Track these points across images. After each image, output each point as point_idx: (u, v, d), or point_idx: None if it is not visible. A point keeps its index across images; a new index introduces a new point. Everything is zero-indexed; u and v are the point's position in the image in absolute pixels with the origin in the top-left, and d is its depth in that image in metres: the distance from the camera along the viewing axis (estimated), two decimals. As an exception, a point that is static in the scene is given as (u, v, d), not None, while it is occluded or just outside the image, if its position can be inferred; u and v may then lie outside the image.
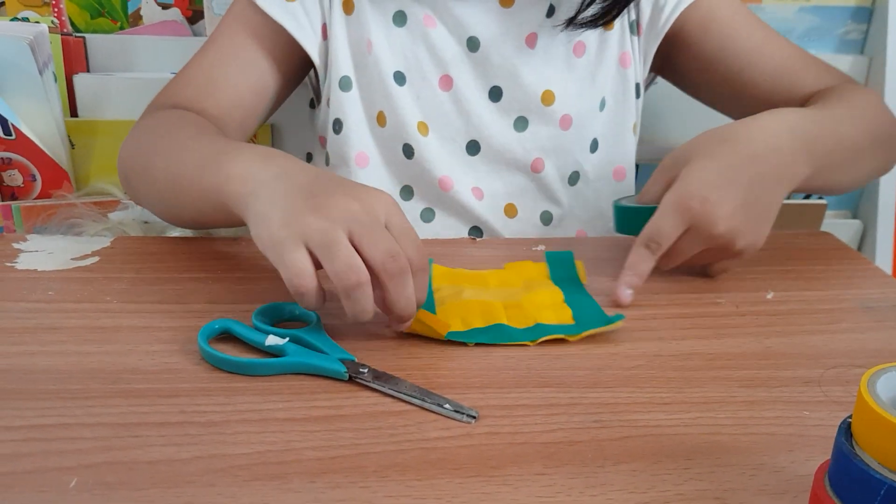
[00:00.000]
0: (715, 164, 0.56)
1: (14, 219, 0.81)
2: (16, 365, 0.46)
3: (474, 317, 0.52)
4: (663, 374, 0.48)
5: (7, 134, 0.79)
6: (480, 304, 0.54)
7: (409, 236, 0.47)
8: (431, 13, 0.71)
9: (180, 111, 0.67)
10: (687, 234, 0.56)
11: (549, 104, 0.71)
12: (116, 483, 0.37)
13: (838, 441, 0.32)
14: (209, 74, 0.71)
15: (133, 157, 0.66)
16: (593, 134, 0.74)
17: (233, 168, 0.52)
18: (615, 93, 0.74)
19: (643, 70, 0.74)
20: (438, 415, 0.43)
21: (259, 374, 0.46)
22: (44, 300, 0.53)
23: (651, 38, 0.73)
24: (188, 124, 0.64)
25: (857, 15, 1.06)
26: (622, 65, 0.73)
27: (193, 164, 0.57)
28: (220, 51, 0.72)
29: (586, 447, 0.41)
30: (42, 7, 0.88)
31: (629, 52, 0.73)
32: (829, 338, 0.53)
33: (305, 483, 0.38)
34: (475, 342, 0.50)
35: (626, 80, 0.74)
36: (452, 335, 0.50)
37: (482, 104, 0.72)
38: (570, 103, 0.72)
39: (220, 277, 0.57)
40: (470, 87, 0.72)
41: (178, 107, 0.68)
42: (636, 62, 0.74)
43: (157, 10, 0.91)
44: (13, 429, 0.41)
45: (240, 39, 0.71)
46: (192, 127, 0.64)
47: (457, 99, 0.72)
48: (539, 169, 0.73)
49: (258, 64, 0.72)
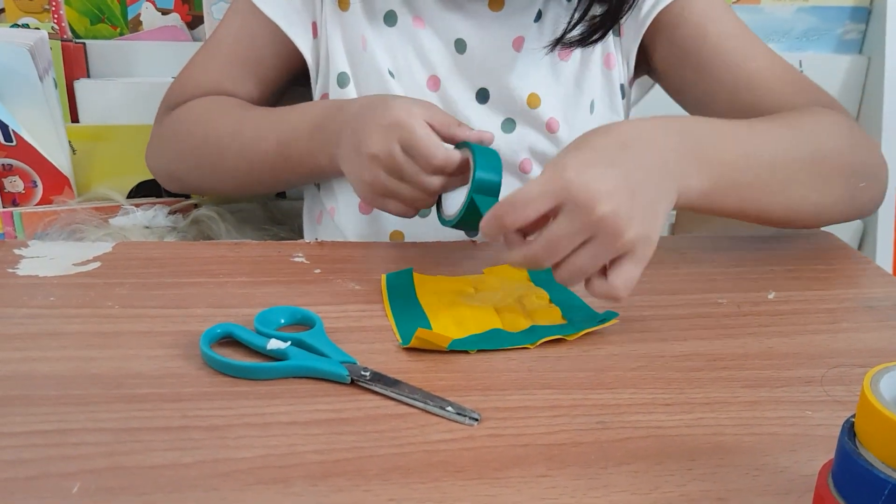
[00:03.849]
0: (589, 149, 0.50)
1: (15, 225, 0.81)
2: (18, 371, 0.46)
3: (470, 323, 0.52)
4: (665, 374, 0.48)
5: (8, 140, 0.79)
6: (473, 311, 0.54)
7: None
8: (420, 16, 0.72)
9: (212, 97, 0.73)
10: (563, 216, 0.47)
11: (535, 107, 0.71)
12: (119, 488, 0.37)
13: (842, 440, 0.32)
14: (214, 78, 0.74)
15: (181, 152, 0.73)
16: None
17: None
18: (602, 95, 0.74)
19: (626, 70, 0.74)
20: (441, 417, 0.43)
21: (261, 378, 0.46)
22: (45, 306, 0.53)
23: (631, 38, 0.73)
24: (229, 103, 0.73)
25: (855, 15, 1.06)
26: (606, 66, 0.73)
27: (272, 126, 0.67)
28: (222, 52, 0.75)
29: (589, 449, 0.41)
30: (42, 13, 0.88)
31: (613, 54, 0.73)
32: (831, 337, 0.53)
33: (308, 486, 0.38)
34: (477, 349, 0.50)
35: (611, 82, 0.74)
36: (455, 344, 0.49)
37: (470, 106, 0.72)
38: (557, 107, 0.72)
39: (221, 282, 0.57)
40: (457, 89, 0.72)
41: None
42: (619, 63, 0.74)
43: (156, 15, 0.91)
44: (15, 434, 0.41)
45: (240, 41, 0.74)
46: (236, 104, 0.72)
47: (444, 100, 0.72)
48: (528, 170, 0.73)
49: (258, 67, 0.74)
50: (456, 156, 0.57)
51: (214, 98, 0.73)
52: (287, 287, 0.57)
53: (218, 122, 0.71)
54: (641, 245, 0.48)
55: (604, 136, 0.51)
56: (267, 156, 0.68)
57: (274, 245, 0.65)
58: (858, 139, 0.65)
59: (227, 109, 0.72)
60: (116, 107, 0.88)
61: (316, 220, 0.78)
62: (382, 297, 0.55)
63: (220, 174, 0.73)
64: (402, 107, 0.58)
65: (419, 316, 0.53)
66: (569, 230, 0.47)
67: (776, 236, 0.69)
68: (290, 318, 0.52)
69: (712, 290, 0.59)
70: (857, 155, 0.64)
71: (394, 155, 0.57)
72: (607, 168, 0.48)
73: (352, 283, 0.58)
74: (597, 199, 0.46)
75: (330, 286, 0.57)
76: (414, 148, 0.57)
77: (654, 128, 0.53)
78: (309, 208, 0.80)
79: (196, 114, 0.73)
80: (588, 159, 0.49)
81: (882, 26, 1.04)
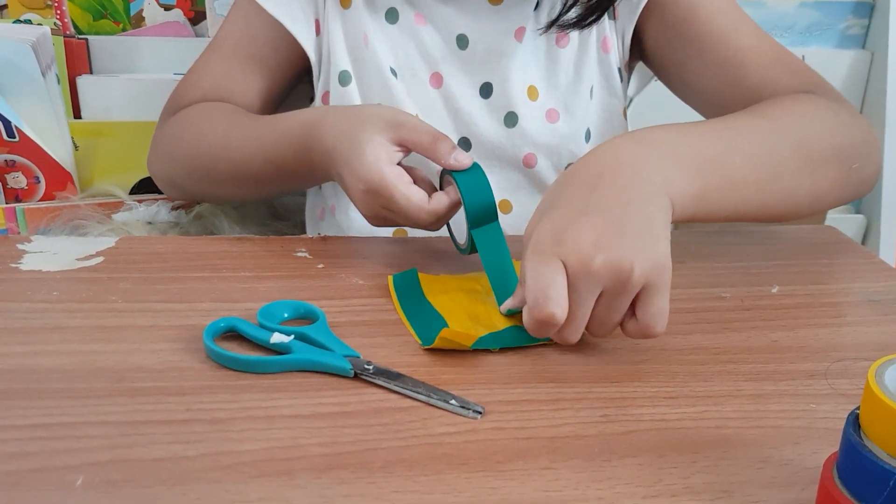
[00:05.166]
0: (557, 207, 0.48)
1: (18, 221, 0.81)
2: (21, 365, 0.46)
3: (486, 320, 0.52)
4: (669, 368, 0.48)
5: (10, 136, 0.79)
6: (487, 308, 0.53)
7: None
8: (421, 12, 0.72)
9: (206, 104, 0.72)
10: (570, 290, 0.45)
11: (534, 99, 0.71)
12: (122, 481, 0.37)
13: (846, 433, 0.32)
14: (218, 81, 0.74)
15: (177, 160, 0.72)
16: (586, 124, 0.74)
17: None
18: (601, 79, 0.74)
19: (622, 53, 0.74)
20: (444, 410, 0.43)
21: (264, 371, 0.46)
22: (49, 300, 0.53)
23: (626, 20, 0.72)
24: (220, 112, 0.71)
25: (858, 10, 1.06)
26: (604, 50, 0.73)
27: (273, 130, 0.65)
28: (225, 55, 0.74)
29: (593, 441, 0.41)
30: (44, 9, 0.88)
31: (609, 37, 0.73)
32: (835, 331, 0.53)
33: (312, 479, 0.38)
34: (500, 347, 0.49)
35: (609, 66, 0.73)
36: (478, 343, 0.48)
37: (473, 101, 0.72)
38: (557, 96, 0.72)
39: (224, 276, 0.57)
40: (459, 85, 0.72)
41: None
42: (615, 47, 0.73)
43: (159, 11, 0.91)
44: (19, 428, 0.41)
45: (243, 42, 0.73)
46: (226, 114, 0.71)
47: (447, 96, 0.72)
48: (532, 164, 0.73)
49: (262, 69, 0.74)
50: (443, 202, 0.57)
51: (208, 106, 0.72)
52: (290, 281, 0.57)
53: (208, 134, 0.69)
54: (654, 275, 0.45)
55: (568, 185, 0.49)
56: (258, 171, 0.66)
57: (277, 240, 0.64)
58: (845, 119, 0.63)
59: (216, 120, 0.70)
60: (119, 103, 0.87)
61: (318, 217, 0.78)
62: (392, 299, 0.55)
63: (215, 186, 0.72)
64: (373, 165, 0.56)
65: (434, 316, 0.53)
66: (578, 297, 0.45)
67: (779, 231, 0.69)
68: (293, 313, 0.52)
69: (716, 284, 0.59)
70: (847, 136, 0.62)
71: (382, 215, 0.58)
72: (582, 218, 0.46)
73: (355, 278, 0.58)
74: (587, 255, 0.45)
75: (333, 281, 0.57)
76: (397, 213, 0.57)
77: (617, 148, 0.51)
78: (311, 205, 0.80)
79: (189, 123, 0.71)
80: (560, 219, 0.47)
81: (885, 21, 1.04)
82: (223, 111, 0.71)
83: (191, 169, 0.72)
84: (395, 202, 0.56)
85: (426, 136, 0.57)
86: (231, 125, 0.69)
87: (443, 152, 0.56)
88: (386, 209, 0.57)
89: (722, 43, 0.68)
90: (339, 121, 0.60)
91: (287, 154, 0.64)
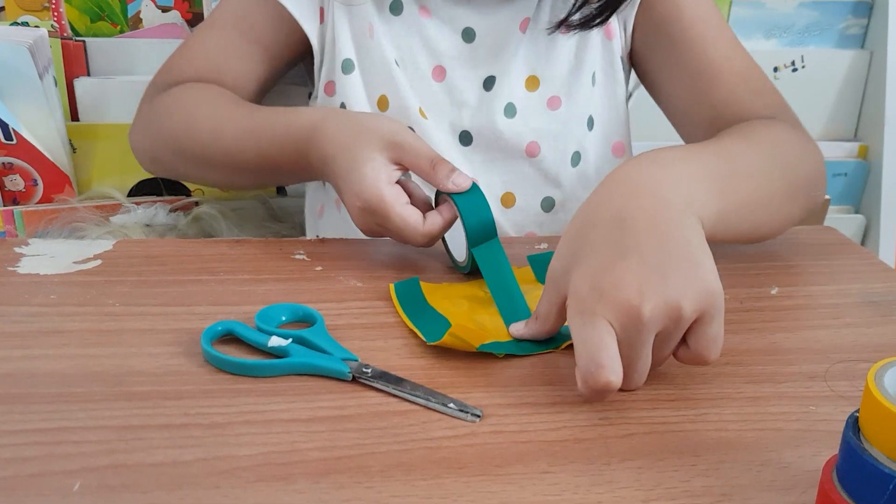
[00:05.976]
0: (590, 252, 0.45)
1: (16, 223, 0.81)
2: (19, 368, 0.46)
3: (491, 328, 0.52)
4: (668, 370, 0.48)
5: (8, 139, 0.79)
6: (492, 317, 0.53)
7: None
8: (426, 5, 0.72)
9: (199, 84, 0.72)
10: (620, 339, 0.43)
11: (535, 88, 0.72)
12: (120, 486, 0.37)
13: (846, 436, 0.32)
14: (213, 59, 0.73)
15: (166, 138, 0.71)
16: (588, 111, 0.74)
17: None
18: (603, 66, 0.74)
19: (624, 42, 0.74)
20: (443, 414, 0.43)
21: (262, 375, 0.46)
22: (46, 304, 0.53)
23: (628, 9, 0.72)
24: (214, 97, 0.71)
25: (857, 9, 1.06)
26: (607, 36, 0.73)
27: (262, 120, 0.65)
28: (222, 33, 0.74)
29: (592, 445, 0.41)
30: (41, 11, 0.88)
31: (612, 24, 0.73)
32: (834, 332, 0.53)
33: (310, 484, 0.37)
34: (505, 353, 0.49)
35: (612, 53, 0.74)
36: (484, 347, 0.48)
37: (475, 94, 0.72)
38: (558, 83, 0.72)
39: (222, 279, 0.57)
40: (463, 78, 0.72)
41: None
42: (618, 35, 0.74)
43: (156, 13, 0.91)
44: (16, 432, 0.40)
45: (243, 24, 0.73)
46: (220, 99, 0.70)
47: (449, 90, 0.72)
48: (535, 152, 0.73)
49: (258, 51, 0.74)
50: (437, 223, 0.58)
51: (201, 88, 0.72)
52: (288, 284, 0.57)
53: (201, 119, 0.69)
54: (706, 304, 0.43)
55: (593, 225, 0.46)
56: (252, 163, 0.66)
57: (275, 242, 0.64)
58: (807, 147, 0.65)
59: (210, 105, 0.70)
60: (117, 105, 0.87)
61: (318, 215, 0.78)
62: (395, 306, 0.54)
63: (204, 171, 0.72)
64: (372, 185, 0.57)
65: (440, 320, 0.52)
66: (633, 351, 0.43)
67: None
68: (291, 316, 0.52)
69: (715, 285, 0.59)
70: (810, 164, 0.64)
71: (377, 230, 0.60)
72: (619, 263, 0.43)
73: (353, 281, 0.58)
74: (634, 306, 0.42)
75: (331, 283, 0.57)
76: (391, 232, 0.58)
77: (631, 172, 0.49)
78: (310, 203, 0.80)
79: (182, 104, 0.71)
80: (596, 268, 0.44)
81: (884, 21, 1.04)
82: (218, 96, 0.71)
83: (178, 150, 0.71)
84: (391, 222, 0.57)
85: (424, 161, 0.57)
86: (226, 113, 0.69)
87: (441, 177, 0.57)
88: (381, 226, 0.59)
89: (698, 52, 0.69)
90: (340, 130, 0.60)
91: (283, 152, 0.64)
